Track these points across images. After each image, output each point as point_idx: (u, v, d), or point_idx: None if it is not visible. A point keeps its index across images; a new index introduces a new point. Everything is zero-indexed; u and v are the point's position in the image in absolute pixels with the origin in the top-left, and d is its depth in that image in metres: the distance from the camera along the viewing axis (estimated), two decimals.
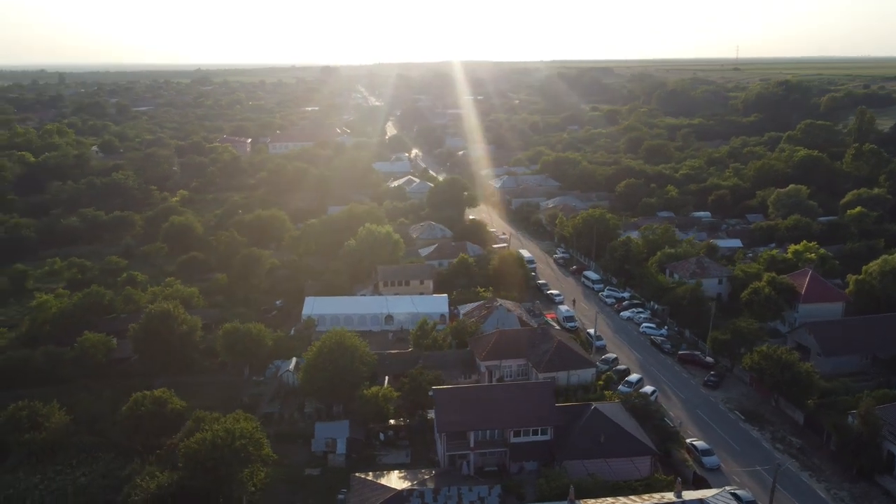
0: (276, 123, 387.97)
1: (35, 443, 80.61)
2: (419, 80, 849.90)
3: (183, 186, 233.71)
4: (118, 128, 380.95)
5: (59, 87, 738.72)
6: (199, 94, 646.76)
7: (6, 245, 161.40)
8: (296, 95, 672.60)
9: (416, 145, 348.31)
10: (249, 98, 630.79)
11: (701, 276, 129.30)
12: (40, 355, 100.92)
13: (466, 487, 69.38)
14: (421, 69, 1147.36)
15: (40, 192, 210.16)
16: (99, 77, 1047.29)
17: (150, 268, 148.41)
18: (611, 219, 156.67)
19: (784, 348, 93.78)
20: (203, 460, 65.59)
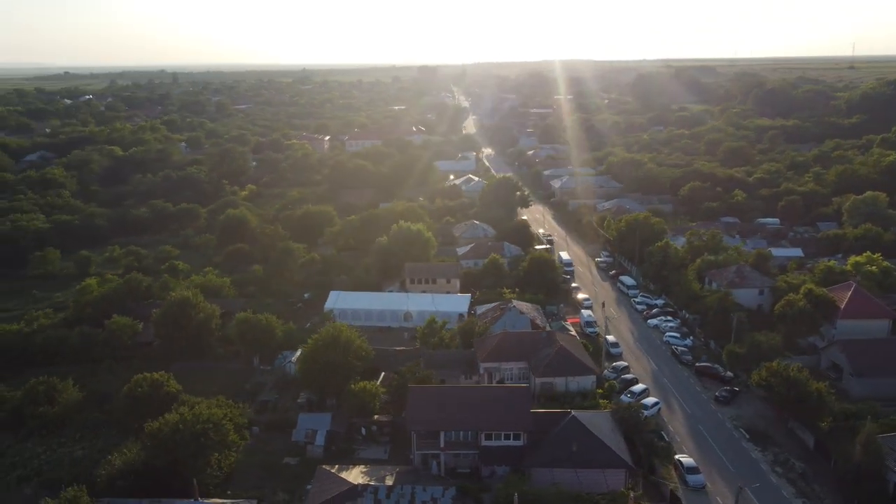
0: (357, 122, 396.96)
1: (47, 416, 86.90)
2: (513, 80, 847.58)
3: (255, 181, 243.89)
4: (213, 125, 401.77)
5: (171, 87, 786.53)
6: (296, 92, 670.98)
7: (80, 232, 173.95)
8: (388, 94, 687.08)
9: (491, 144, 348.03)
10: (343, 97, 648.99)
11: (739, 285, 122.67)
12: (76, 336, 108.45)
13: (421, 487, 69.29)
14: (519, 69, 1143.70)
15: (123, 183, 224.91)
16: (210, 77, 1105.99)
17: (199, 258, 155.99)
18: (656, 223, 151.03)
19: (796, 365, 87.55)
20: (165, 441, 68.67)
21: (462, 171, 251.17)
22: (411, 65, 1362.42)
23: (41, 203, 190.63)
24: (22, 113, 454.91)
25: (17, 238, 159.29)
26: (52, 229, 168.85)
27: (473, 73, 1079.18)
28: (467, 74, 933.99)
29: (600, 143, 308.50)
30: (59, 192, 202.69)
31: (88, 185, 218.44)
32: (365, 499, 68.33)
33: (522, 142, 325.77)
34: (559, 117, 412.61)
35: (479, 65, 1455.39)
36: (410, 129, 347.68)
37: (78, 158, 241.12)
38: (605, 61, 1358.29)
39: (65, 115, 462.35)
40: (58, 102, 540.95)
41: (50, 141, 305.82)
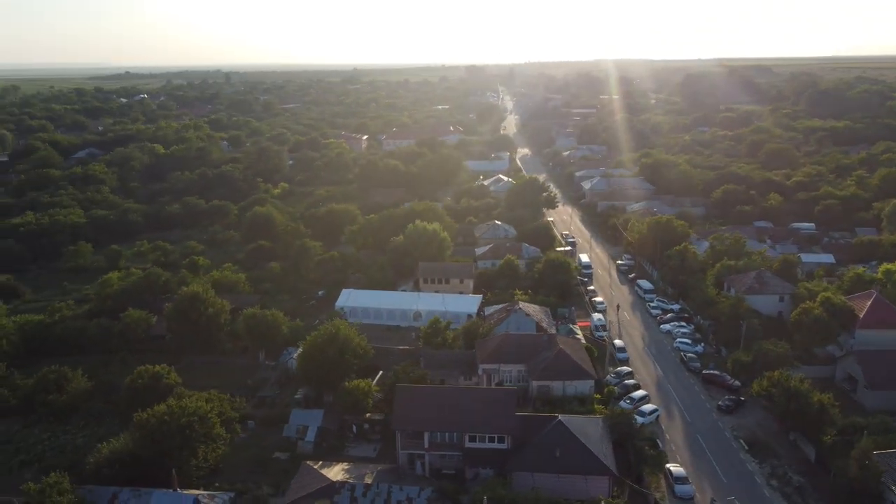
0: (397, 121, 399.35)
1: (55, 404, 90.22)
2: (561, 80, 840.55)
3: (289, 179, 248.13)
4: (258, 124, 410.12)
5: (223, 86, 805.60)
6: (343, 92, 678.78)
7: (115, 227, 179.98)
8: (434, 94, 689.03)
9: (529, 144, 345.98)
10: (389, 97, 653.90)
11: (759, 291, 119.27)
12: (93, 327, 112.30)
13: (397, 486, 69.50)
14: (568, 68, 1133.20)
15: (161, 180, 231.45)
16: (262, 77, 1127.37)
17: (223, 254, 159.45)
18: (678, 226, 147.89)
19: (798, 375, 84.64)
20: (152, 432, 70.52)
21: (494, 171, 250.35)
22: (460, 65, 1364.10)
23: (81, 198, 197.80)
24: (78, 111, 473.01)
25: (53, 232, 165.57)
26: (88, 224, 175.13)
27: (522, 73, 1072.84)
28: (515, 74, 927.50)
29: (640, 144, 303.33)
30: (98, 188, 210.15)
31: (128, 181, 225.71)
32: (342, 496, 68.90)
33: (560, 142, 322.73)
34: (602, 118, 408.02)
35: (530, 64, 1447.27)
36: (448, 129, 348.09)
37: (120, 156, 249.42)
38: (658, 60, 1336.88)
39: (118, 113, 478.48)
40: (113, 101, 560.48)
41: (99, 138, 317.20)
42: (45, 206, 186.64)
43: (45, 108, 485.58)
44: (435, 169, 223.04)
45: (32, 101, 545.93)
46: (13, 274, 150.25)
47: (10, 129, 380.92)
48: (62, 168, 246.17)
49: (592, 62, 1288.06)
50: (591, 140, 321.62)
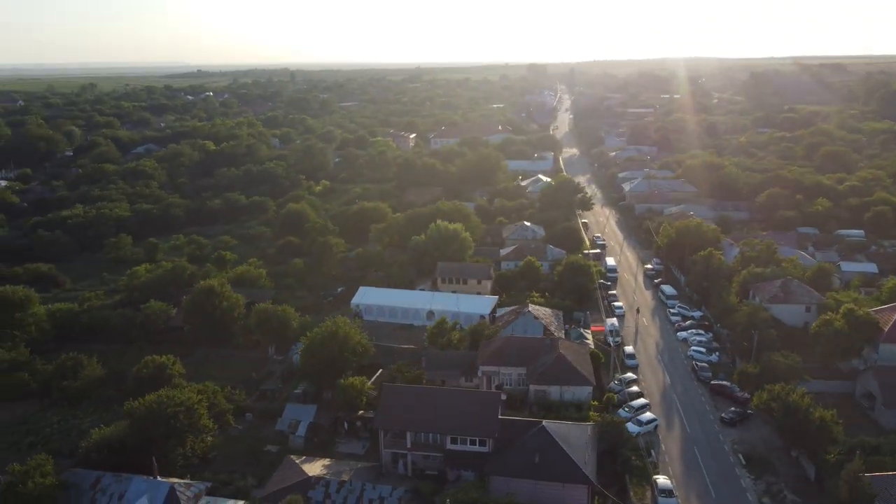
0: (448, 120, 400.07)
1: (69, 390, 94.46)
2: (622, 79, 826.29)
3: (332, 177, 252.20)
4: (312, 121, 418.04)
5: (287, 85, 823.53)
6: (401, 90, 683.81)
7: (158, 221, 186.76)
8: (492, 93, 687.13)
9: (578, 144, 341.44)
10: (445, 95, 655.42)
11: (783, 300, 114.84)
12: (117, 317, 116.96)
13: (371, 485, 70.03)
14: (632, 67, 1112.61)
15: (209, 176, 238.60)
16: (326, 75, 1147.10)
17: (253, 249, 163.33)
18: (707, 230, 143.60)
19: (801, 390, 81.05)
20: (140, 420, 73.11)
21: (536, 171, 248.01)
22: (522, 63, 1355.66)
23: (129, 192, 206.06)
24: (145, 108, 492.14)
25: (98, 224, 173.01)
26: (132, 217, 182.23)
27: (584, 72, 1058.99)
28: (575, 73, 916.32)
29: (690, 145, 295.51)
30: (147, 182, 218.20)
31: (177, 176, 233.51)
32: (316, 491, 69.91)
33: (608, 142, 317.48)
34: (657, 118, 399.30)
35: (594, 63, 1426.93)
36: (496, 128, 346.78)
37: (172, 152, 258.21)
38: (730, 59, 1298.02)
39: (182, 110, 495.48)
40: (179, 98, 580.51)
41: (158, 135, 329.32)
42: (94, 200, 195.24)
43: (115, 105, 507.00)
44: (472, 168, 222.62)
45: (105, 99, 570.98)
46: (58, 264, 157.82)
47: (79, 125, 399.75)
48: (119, 163, 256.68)
49: (658, 61, 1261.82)
50: (642, 140, 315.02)
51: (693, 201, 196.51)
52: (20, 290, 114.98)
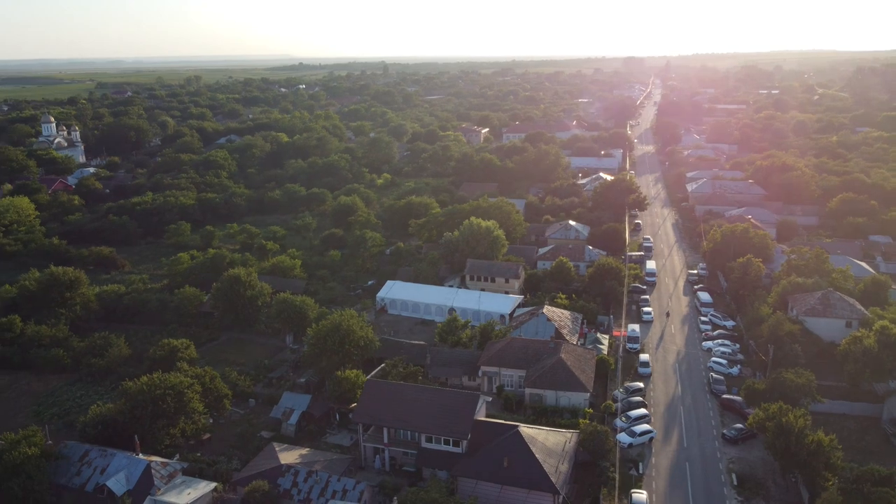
0: (525, 114, 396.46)
1: (95, 367, 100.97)
2: (721, 72, 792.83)
3: (397, 170, 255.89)
4: (392, 115, 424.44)
5: (380, 77, 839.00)
6: (487, 84, 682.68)
7: (221, 209, 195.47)
8: (581, 87, 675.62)
9: (656, 141, 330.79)
10: (533, 89, 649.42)
11: (822, 314, 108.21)
12: (154, 300, 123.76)
13: (336, 476, 71.38)
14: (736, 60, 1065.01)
15: (279, 167, 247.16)
16: (421, 68, 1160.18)
17: (301, 239, 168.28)
18: (755, 235, 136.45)
19: (801, 411, 76.02)
20: (132, 399, 77.52)
21: (601, 168, 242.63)
22: (619, 56, 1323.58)
23: (198, 181, 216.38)
24: (238, 100, 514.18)
25: (164, 211, 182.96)
26: (196, 205, 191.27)
27: (682, 65, 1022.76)
28: (671, 67, 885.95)
29: (774, 144, 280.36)
30: (217, 172, 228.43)
31: (247, 167, 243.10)
32: (285, 479, 71.99)
33: (686, 140, 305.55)
34: (747, 114, 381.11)
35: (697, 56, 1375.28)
36: (571, 124, 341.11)
37: (245, 143, 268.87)
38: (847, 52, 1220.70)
39: (273, 102, 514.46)
40: (273, 91, 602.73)
41: (241, 126, 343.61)
42: (165, 188, 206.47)
43: (211, 97, 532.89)
44: (530, 164, 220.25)
45: (203, 91, 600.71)
46: (123, 247, 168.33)
47: (175, 115, 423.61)
48: (199, 153, 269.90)
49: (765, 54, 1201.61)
50: (722, 139, 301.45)
51: (758, 204, 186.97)
52: (70, 272, 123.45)
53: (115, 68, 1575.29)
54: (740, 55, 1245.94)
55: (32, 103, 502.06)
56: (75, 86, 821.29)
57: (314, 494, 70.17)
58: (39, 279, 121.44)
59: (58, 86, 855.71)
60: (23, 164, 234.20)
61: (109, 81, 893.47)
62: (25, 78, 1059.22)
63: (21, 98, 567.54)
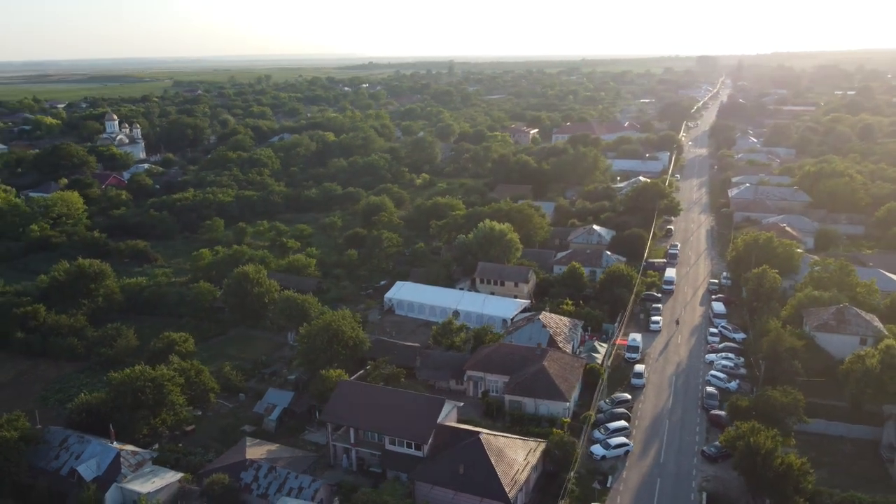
0: (578, 115, 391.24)
1: (104, 356, 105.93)
2: (797, 72, 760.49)
3: (438, 171, 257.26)
4: (448, 114, 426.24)
5: (441, 77, 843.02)
6: (549, 84, 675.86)
7: (258, 207, 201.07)
8: (646, 87, 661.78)
9: (711, 144, 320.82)
10: (598, 88, 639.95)
11: (835, 330, 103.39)
12: (172, 294, 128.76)
13: (294, 474, 72.86)
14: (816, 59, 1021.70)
15: (323, 166, 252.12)
16: (488, 67, 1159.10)
17: (326, 238, 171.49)
18: (779, 244, 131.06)
19: (772, 431, 72.90)
20: (115, 389, 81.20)
21: (644, 171, 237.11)
22: (693, 55, 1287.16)
23: (240, 179, 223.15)
24: (300, 99, 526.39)
25: (202, 207, 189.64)
26: (234, 202, 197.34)
27: (757, 64, 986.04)
28: (743, 66, 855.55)
29: (832, 149, 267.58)
30: (260, 170, 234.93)
31: (290, 165, 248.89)
32: (247, 473, 73.99)
33: (741, 143, 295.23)
34: (815, 117, 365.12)
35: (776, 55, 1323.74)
36: (623, 125, 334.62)
37: (292, 142, 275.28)
38: None
39: (332, 101, 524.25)
40: (335, 90, 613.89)
41: (295, 125, 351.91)
42: (208, 184, 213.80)
43: (274, 95, 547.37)
44: (567, 167, 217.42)
45: (268, 90, 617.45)
46: (160, 242, 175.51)
47: (237, 113, 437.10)
48: (251, 151, 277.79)
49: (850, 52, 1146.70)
50: (780, 142, 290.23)
51: (799, 212, 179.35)
52: (96, 264, 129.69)
53: (193, 67, 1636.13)
54: (823, 53, 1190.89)
55: (109, 101, 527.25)
56: (154, 84, 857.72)
57: (272, 490, 71.87)
58: (68, 270, 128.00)
59: (138, 84, 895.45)
60: (83, 159, 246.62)
61: (185, 80, 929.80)
62: (111, 76, 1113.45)
63: (100, 95, 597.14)
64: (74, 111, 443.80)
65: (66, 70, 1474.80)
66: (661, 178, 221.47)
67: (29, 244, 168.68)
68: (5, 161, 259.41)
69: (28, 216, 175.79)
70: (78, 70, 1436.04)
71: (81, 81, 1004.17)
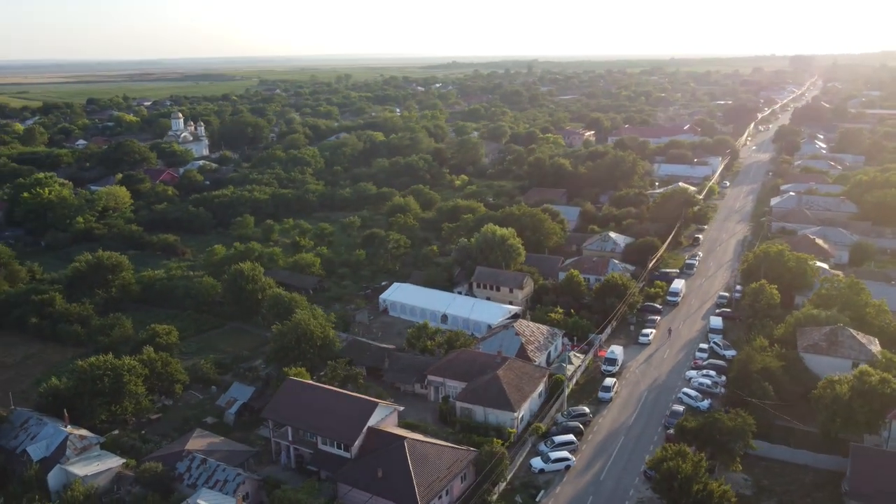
0: (640, 117, 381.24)
1: (101, 343, 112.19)
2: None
3: (481, 172, 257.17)
4: (512, 114, 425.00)
5: (516, 76, 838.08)
6: (624, 84, 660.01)
7: (293, 205, 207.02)
8: (729, 88, 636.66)
9: (773, 150, 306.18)
10: (675, 90, 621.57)
11: (825, 352, 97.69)
12: (180, 287, 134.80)
13: (223, 467, 75.37)
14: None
15: (367, 166, 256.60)
16: (569, 66, 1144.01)
17: (346, 237, 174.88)
18: (791, 258, 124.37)
19: (699, 456, 69.67)
20: (78, 377, 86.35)
21: (692, 177, 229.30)
22: (789, 55, 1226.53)
23: (282, 177, 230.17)
24: (370, 98, 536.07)
25: (238, 204, 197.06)
26: (270, 200, 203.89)
27: (858, 63, 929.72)
28: (838, 66, 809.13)
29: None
30: (303, 168, 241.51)
31: (333, 165, 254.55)
32: (183, 463, 77.12)
33: (806, 149, 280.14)
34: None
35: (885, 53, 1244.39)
36: (683, 128, 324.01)
37: (339, 142, 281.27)
38: None
39: (400, 101, 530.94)
40: (406, 89, 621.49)
41: (351, 125, 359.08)
42: (250, 182, 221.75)
43: (345, 95, 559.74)
44: (604, 171, 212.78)
45: (340, 89, 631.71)
46: (195, 236, 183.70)
47: (305, 112, 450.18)
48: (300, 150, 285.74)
49: None
50: (848, 149, 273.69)
51: (842, 223, 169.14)
52: (114, 256, 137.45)
53: (284, 66, 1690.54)
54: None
55: (191, 99, 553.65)
56: (242, 83, 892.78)
57: (200, 481, 74.57)
58: (88, 261, 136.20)
59: (228, 83, 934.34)
60: (144, 155, 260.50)
61: (271, 78, 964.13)
62: (206, 75, 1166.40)
63: (188, 94, 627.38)
64: (156, 109, 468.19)
65: (172, 69, 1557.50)
66: (702, 184, 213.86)
67: (74, 235, 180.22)
68: (78, 156, 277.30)
69: (76, 209, 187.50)
70: (183, 68, 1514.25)
71: (176, 80, 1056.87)
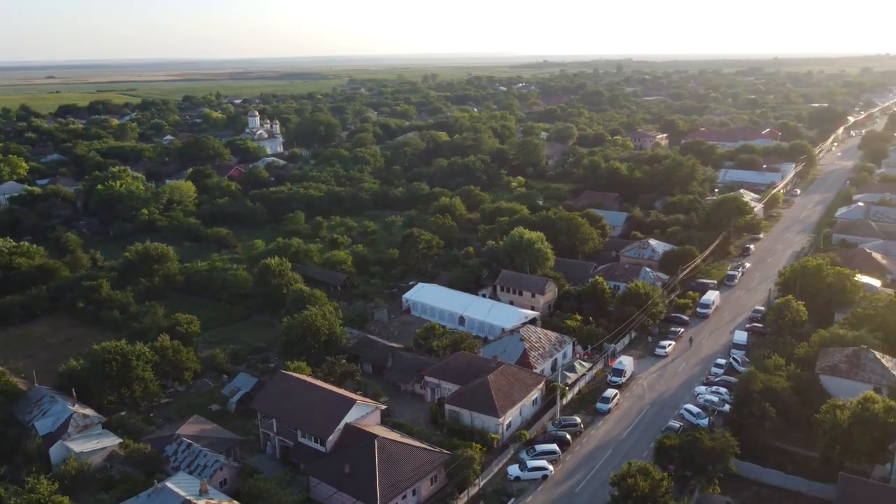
0: (720, 121, 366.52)
1: (133, 329, 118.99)
2: None
3: (541, 173, 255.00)
4: (589, 115, 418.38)
5: (605, 77, 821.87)
6: (714, 86, 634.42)
7: (346, 203, 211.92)
8: (828, 90, 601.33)
9: (858, 157, 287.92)
10: (769, 91, 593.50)
11: (845, 374, 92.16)
12: (216, 279, 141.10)
13: (205, 453, 78.92)
14: None
15: (427, 165, 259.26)
16: (662, 66, 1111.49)
17: (388, 235, 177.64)
18: (830, 273, 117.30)
19: (659, 474, 67.17)
20: (93, 360, 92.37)
21: (759, 184, 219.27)
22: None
23: (340, 175, 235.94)
24: (449, 98, 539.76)
25: (292, 201, 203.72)
26: (324, 197, 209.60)
27: None
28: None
29: None
30: (361, 167, 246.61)
31: (393, 164, 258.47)
32: (171, 447, 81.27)
33: (894, 157, 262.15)
34: None
35: None
36: (761, 132, 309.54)
37: (402, 141, 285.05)
38: None
39: (479, 101, 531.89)
40: (486, 89, 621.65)
41: (422, 124, 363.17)
42: (309, 179, 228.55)
43: (424, 94, 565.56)
44: (660, 176, 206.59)
45: (421, 88, 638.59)
46: (250, 231, 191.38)
47: (384, 111, 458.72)
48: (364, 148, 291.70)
49: None
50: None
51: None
52: (160, 247, 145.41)
53: (378, 65, 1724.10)
54: None
55: (279, 97, 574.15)
56: (333, 81, 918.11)
57: (184, 465, 78.45)
58: (137, 251, 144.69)
59: (321, 81, 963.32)
60: (217, 151, 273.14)
61: (360, 77, 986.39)
62: (300, 73, 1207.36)
63: (272, 92, 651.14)
64: (243, 107, 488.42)
65: (272, 67, 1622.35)
66: (766, 191, 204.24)
67: (139, 226, 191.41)
68: (159, 151, 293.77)
69: (143, 201, 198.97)
70: (283, 67, 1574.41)
71: (272, 79, 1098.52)
